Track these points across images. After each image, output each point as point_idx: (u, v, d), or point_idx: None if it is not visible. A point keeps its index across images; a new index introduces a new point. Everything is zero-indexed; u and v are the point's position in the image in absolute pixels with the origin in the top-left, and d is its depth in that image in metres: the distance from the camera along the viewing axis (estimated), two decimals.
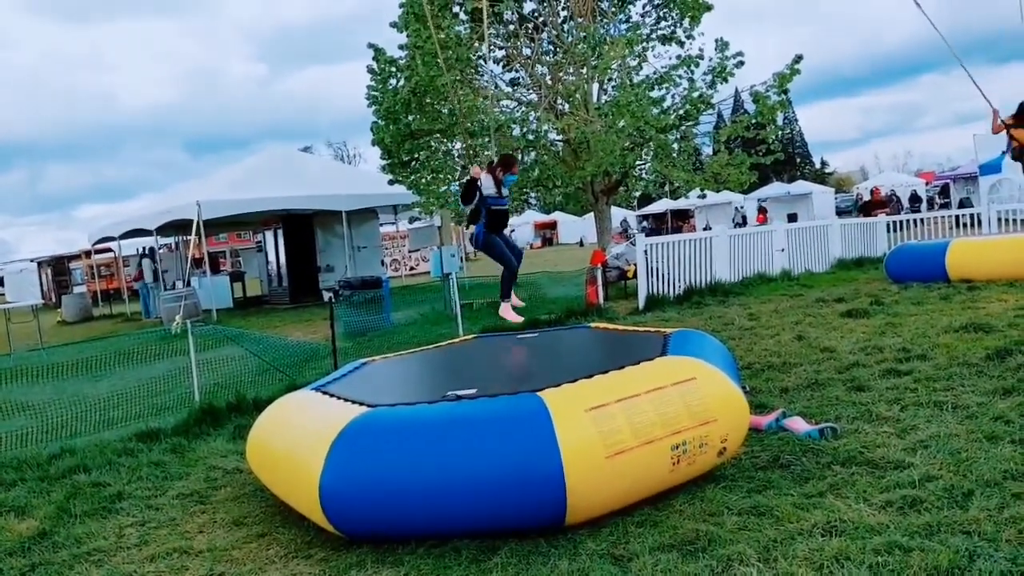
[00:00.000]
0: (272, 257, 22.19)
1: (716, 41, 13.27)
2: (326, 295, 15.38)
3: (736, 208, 41.79)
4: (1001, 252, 11.00)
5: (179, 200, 18.69)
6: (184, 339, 7.32)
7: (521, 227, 58.26)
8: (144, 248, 23.61)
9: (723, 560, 3.27)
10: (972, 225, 15.84)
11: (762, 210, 32.45)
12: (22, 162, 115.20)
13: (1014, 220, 15.81)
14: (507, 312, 7.05)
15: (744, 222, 37.52)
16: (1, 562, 4.14)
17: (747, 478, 4.22)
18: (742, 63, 13.24)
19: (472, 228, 6.81)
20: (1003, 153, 25.23)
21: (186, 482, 5.29)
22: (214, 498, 4.93)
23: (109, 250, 27.93)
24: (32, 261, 38.47)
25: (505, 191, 6.71)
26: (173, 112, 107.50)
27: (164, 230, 20.29)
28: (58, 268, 34.62)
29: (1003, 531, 3.25)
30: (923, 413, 5.03)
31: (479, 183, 6.52)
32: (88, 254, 29.13)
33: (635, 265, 12.72)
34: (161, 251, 23.14)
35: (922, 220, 16.34)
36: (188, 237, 18.13)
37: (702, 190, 14.62)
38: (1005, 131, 11.13)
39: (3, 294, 44.04)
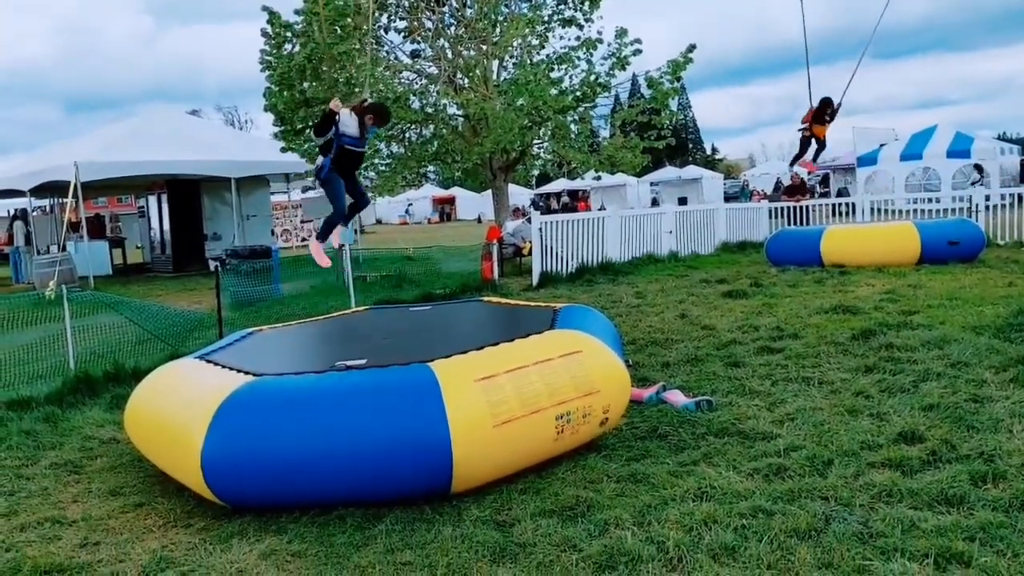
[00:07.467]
0: (155, 223, 21.18)
1: (616, 28, 13.53)
2: (212, 264, 14.83)
3: (558, 195, 43.35)
4: (870, 240, 11.73)
5: (54, 160, 17.52)
6: (58, 306, 6.95)
7: (419, 201, 57.68)
8: (15, 210, 22.02)
9: (600, 524, 3.42)
10: (848, 214, 16.75)
11: (584, 196, 32.49)
12: None
13: (886, 210, 16.77)
14: (317, 251, 6.74)
15: (565, 209, 38.56)
16: None
17: (627, 447, 4.41)
18: (639, 51, 13.53)
19: (320, 159, 6.51)
20: (879, 147, 26.85)
21: (60, 452, 5.06)
22: (89, 468, 4.74)
23: None
24: None
25: (367, 136, 6.52)
26: (46, 68, 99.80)
27: (39, 192, 19.03)
28: None
29: (857, 496, 3.53)
30: (792, 388, 5.37)
31: (337, 117, 6.17)
32: None
33: (530, 242, 12.89)
34: (35, 214, 21.69)
35: (801, 207, 17.12)
36: (65, 200, 17.08)
37: (597, 171, 14.93)
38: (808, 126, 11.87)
39: None
